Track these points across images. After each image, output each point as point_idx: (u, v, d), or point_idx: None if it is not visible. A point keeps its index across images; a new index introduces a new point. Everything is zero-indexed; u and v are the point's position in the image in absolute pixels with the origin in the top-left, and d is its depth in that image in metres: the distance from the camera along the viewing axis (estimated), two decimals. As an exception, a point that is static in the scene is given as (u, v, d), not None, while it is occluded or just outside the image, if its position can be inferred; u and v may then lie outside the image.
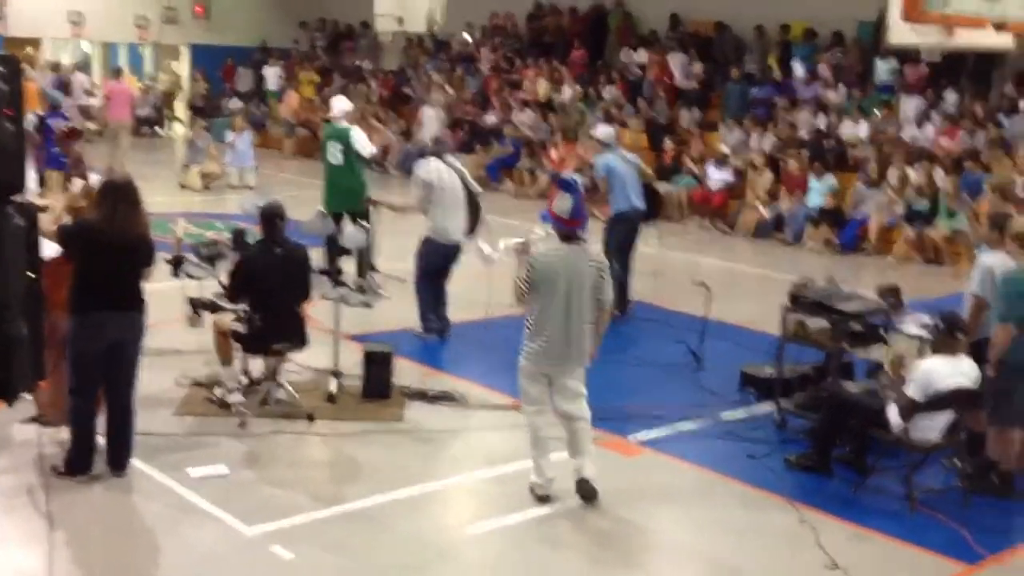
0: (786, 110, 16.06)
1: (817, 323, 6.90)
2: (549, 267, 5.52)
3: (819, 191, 14.07)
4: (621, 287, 9.69)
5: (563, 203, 5.62)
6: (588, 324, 5.59)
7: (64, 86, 20.64)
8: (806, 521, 5.58)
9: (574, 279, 5.52)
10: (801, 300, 6.96)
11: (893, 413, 5.87)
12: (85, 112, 19.84)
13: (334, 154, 10.02)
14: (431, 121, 18.43)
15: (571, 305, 5.51)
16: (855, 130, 15.18)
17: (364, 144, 10.04)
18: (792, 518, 5.64)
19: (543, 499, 5.68)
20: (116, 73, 19.75)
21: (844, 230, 13.70)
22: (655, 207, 10.33)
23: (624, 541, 5.44)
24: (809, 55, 16.73)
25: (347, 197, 9.89)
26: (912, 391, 5.76)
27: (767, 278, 11.77)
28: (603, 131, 10.51)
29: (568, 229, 5.65)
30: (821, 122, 15.66)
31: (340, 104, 10.44)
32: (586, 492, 5.64)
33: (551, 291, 5.51)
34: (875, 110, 15.24)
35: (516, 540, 5.38)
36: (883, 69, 15.70)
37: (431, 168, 8.65)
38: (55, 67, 21.47)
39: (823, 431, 6.27)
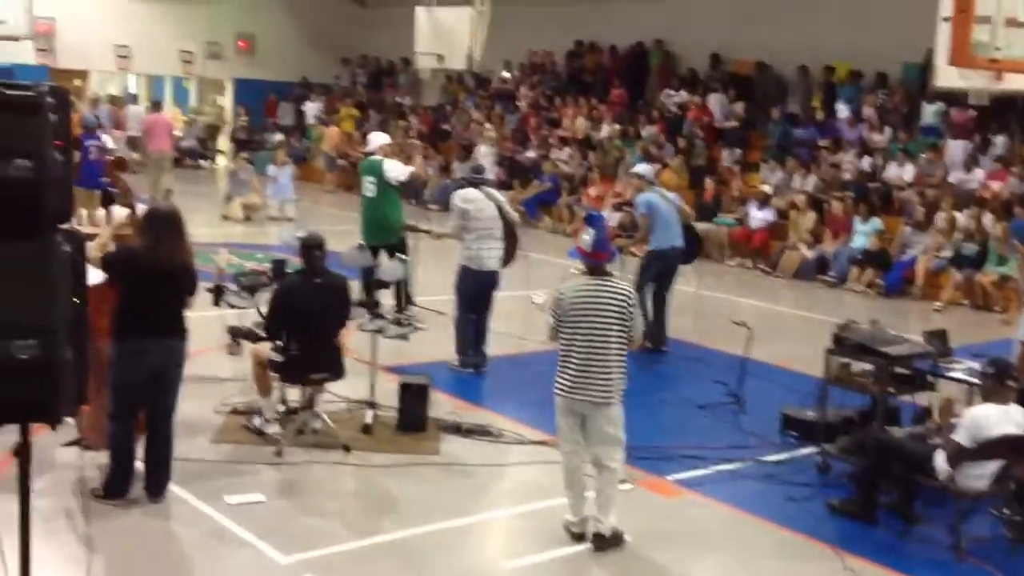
0: (829, 151, 15.96)
1: (861, 366, 6.79)
2: (573, 301, 5.49)
3: (864, 233, 13.93)
4: (658, 323, 9.63)
5: (586, 237, 5.63)
6: (617, 357, 5.48)
7: (115, 118, 21.13)
8: (849, 569, 5.43)
9: (599, 312, 5.46)
10: (845, 342, 6.83)
11: (940, 459, 5.74)
12: (133, 143, 20.23)
13: (368, 187, 10.08)
14: (483, 159, 18.48)
15: (596, 338, 5.44)
16: (900, 172, 15.04)
17: (396, 170, 9.97)
18: (835, 565, 5.49)
19: (577, 537, 5.60)
20: (155, 105, 20.18)
21: (890, 273, 13.52)
22: (696, 248, 10.27)
23: (662, 583, 5.34)
24: (853, 96, 16.63)
25: (383, 230, 9.92)
26: (960, 437, 5.63)
27: (809, 320, 11.64)
28: (645, 168, 10.51)
29: (593, 262, 5.63)
30: (865, 164, 15.54)
31: (376, 139, 10.57)
32: (600, 546, 5.51)
33: (576, 324, 5.47)
34: (921, 153, 15.10)
35: (552, 579, 5.30)
36: (929, 112, 15.55)
37: (468, 196, 8.68)
38: (112, 99, 22.04)
39: (867, 476, 6.13)
